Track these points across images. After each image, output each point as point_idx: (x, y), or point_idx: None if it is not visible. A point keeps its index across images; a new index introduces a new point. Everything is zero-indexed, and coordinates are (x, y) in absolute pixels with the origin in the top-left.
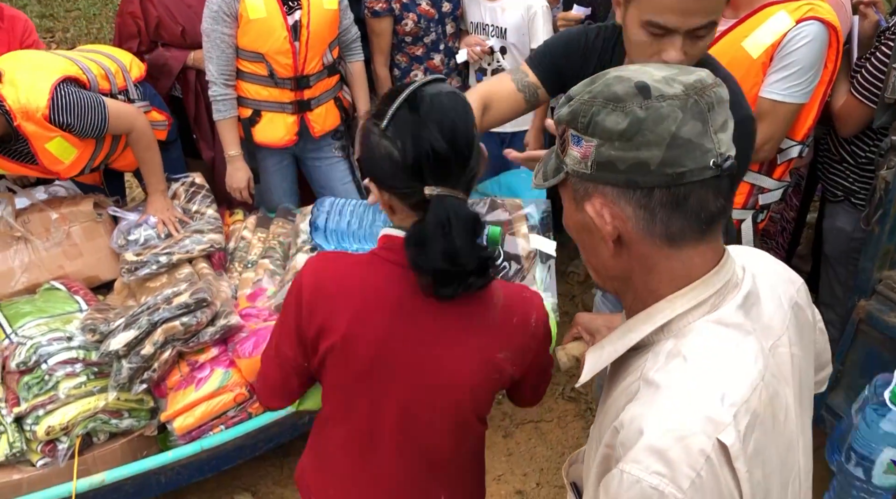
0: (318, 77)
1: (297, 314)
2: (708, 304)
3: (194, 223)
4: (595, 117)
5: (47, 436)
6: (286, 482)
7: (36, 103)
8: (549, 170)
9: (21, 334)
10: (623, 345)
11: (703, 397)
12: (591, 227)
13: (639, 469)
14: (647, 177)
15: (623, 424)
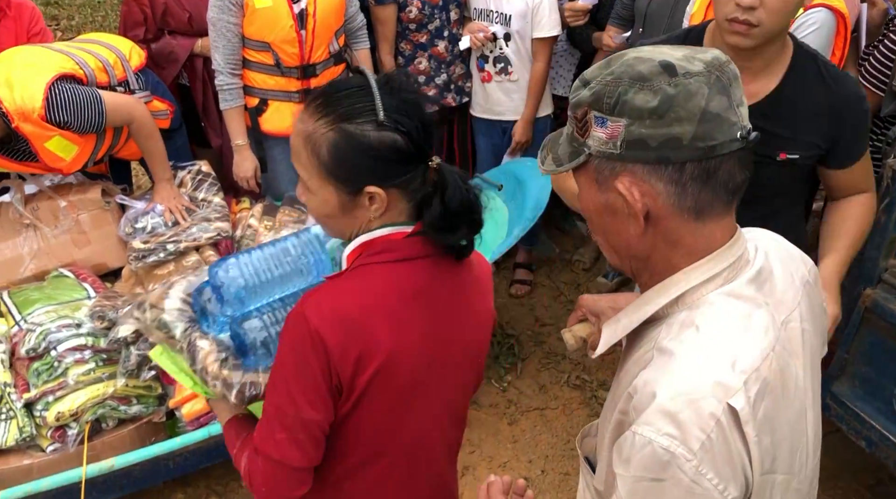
0: (325, 65)
1: (322, 366)
2: (721, 277)
3: (201, 211)
4: (623, 97)
5: (57, 422)
6: None
7: (32, 104)
8: (563, 154)
9: (30, 321)
10: (638, 317)
11: (714, 362)
12: (617, 206)
13: (650, 431)
14: (679, 152)
15: (636, 388)
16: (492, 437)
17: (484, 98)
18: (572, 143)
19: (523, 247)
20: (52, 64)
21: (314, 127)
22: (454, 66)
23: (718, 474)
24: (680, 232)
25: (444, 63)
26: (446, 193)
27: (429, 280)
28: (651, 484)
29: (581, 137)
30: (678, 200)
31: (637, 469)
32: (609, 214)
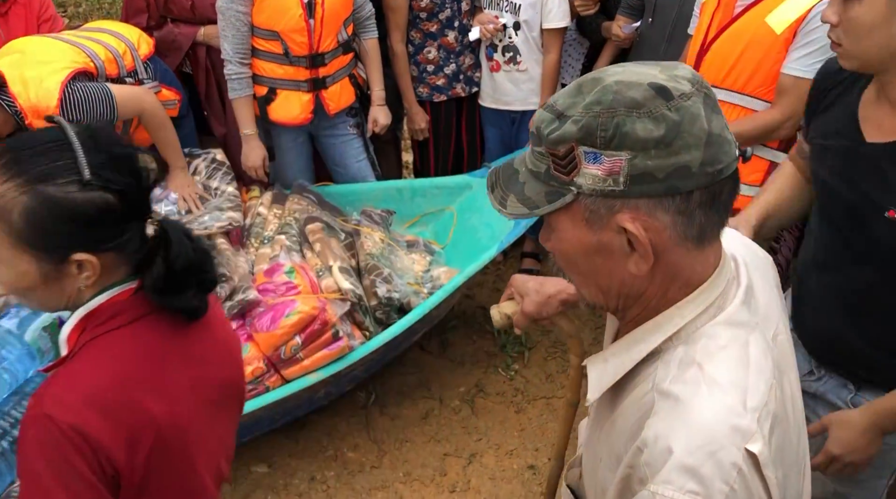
0: (333, 55)
1: (89, 462)
2: (715, 305)
3: (214, 200)
4: (621, 128)
5: None
6: (301, 455)
7: (46, 103)
8: (536, 195)
9: None
10: (631, 358)
11: (725, 406)
12: (614, 246)
13: (672, 489)
14: (688, 181)
15: (647, 442)
16: (499, 425)
17: (492, 87)
18: (549, 182)
19: (531, 236)
20: (65, 60)
21: (1, 190)
22: (464, 56)
23: None
24: (682, 263)
25: (453, 53)
26: (170, 253)
27: (172, 331)
28: None
29: (564, 176)
30: (684, 229)
31: None
32: (602, 255)
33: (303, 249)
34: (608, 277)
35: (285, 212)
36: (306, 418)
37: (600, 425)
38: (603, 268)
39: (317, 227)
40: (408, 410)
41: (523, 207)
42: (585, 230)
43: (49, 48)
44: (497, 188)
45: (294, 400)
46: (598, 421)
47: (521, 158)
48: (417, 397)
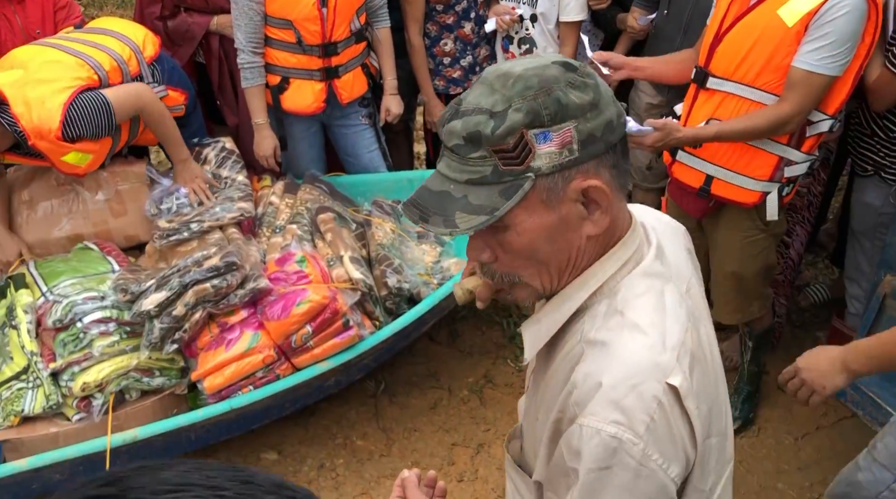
0: (346, 44)
1: None
2: (632, 260)
3: (225, 190)
4: (561, 102)
5: (82, 392)
6: (310, 442)
7: (48, 125)
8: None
9: (56, 293)
10: (561, 316)
11: (646, 345)
12: (570, 216)
13: (597, 421)
14: (613, 134)
15: (576, 384)
16: (507, 416)
17: None
18: (500, 180)
19: None
20: (67, 78)
21: None
22: (480, 48)
23: (662, 454)
24: (618, 216)
25: (469, 45)
26: None
27: None
28: (600, 473)
29: (518, 166)
30: (619, 181)
31: (588, 461)
32: (561, 230)
33: (314, 238)
34: (567, 252)
35: (297, 201)
36: (316, 406)
37: (537, 388)
38: (563, 244)
39: (328, 216)
40: (416, 399)
41: (479, 216)
42: (544, 212)
43: (52, 64)
44: (431, 216)
45: (304, 388)
46: (535, 387)
47: (439, 177)
48: (426, 386)
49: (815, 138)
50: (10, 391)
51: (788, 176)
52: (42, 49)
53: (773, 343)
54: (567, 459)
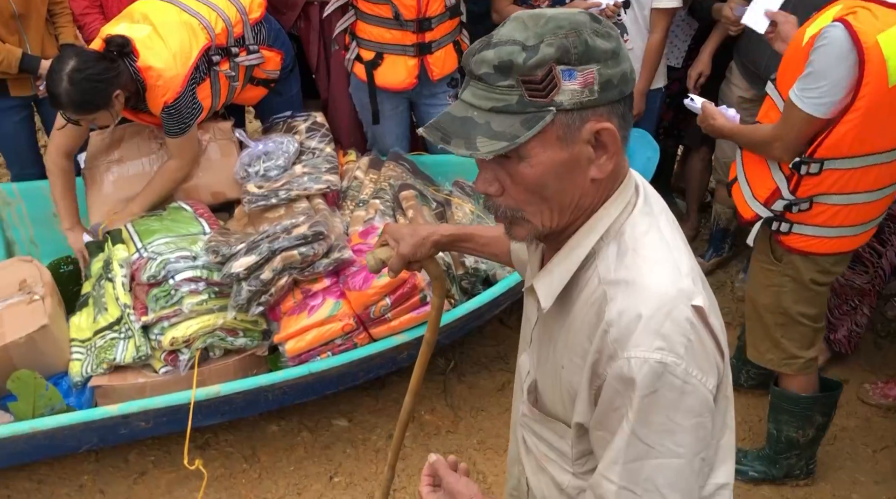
0: (440, 19)
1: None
2: (631, 203)
3: (312, 159)
4: (589, 44)
5: (171, 346)
6: (380, 413)
7: (166, 92)
8: (509, 128)
9: (151, 250)
10: (573, 262)
11: (666, 274)
12: (580, 156)
13: (642, 351)
14: (628, 86)
15: (612, 322)
16: None
17: None
18: (524, 110)
19: None
20: (191, 45)
21: None
22: None
23: (700, 369)
24: (619, 164)
25: None
26: None
27: None
28: (651, 397)
29: (542, 98)
30: (624, 132)
31: (641, 389)
32: (570, 169)
33: (395, 214)
34: (571, 193)
35: (381, 177)
36: (387, 378)
37: (552, 339)
38: (570, 183)
39: (410, 194)
40: (485, 380)
41: (500, 142)
42: (558, 148)
43: (175, 27)
44: (453, 138)
45: (379, 359)
46: (549, 338)
47: (463, 104)
48: (495, 368)
49: (812, 181)
50: (104, 340)
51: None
52: (164, 6)
53: (848, 351)
54: (618, 392)
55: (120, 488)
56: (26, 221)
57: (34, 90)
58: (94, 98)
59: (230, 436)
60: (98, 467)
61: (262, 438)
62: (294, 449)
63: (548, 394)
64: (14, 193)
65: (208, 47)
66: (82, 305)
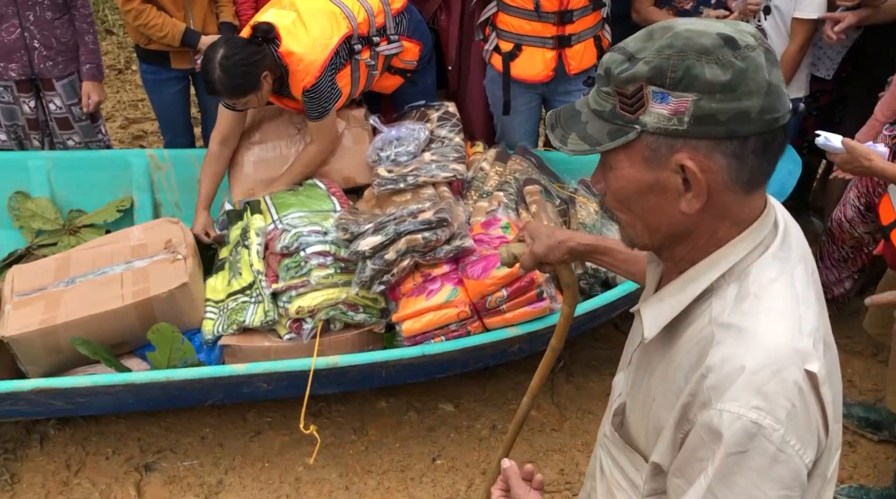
0: (583, 12)
1: None
2: (763, 244)
3: (440, 148)
4: (691, 71)
5: (296, 315)
6: (486, 402)
7: (305, 77)
8: (598, 133)
9: (285, 222)
10: (687, 296)
11: (785, 330)
12: (669, 184)
13: (738, 406)
14: (747, 126)
15: (712, 368)
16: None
17: None
18: (613, 120)
19: None
20: (332, 32)
21: None
22: None
23: (800, 440)
24: (730, 205)
25: None
26: None
27: None
28: (738, 457)
29: (630, 114)
30: (737, 174)
31: (727, 446)
32: (655, 193)
33: (518, 208)
34: (658, 216)
35: (506, 170)
36: (495, 370)
37: (650, 368)
38: (655, 207)
39: (535, 189)
40: (594, 383)
41: (584, 144)
42: (643, 169)
43: (319, 14)
44: (557, 128)
45: (490, 349)
46: (646, 365)
47: (584, 99)
48: (605, 372)
49: None
50: (236, 303)
51: None
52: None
53: None
54: (704, 443)
55: (237, 443)
56: (174, 185)
57: (192, 64)
58: (244, 81)
59: (342, 407)
60: (219, 422)
61: (371, 412)
62: (400, 427)
63: (634, 422)
64: (165, 158)
65: (349, 36)
66: (219, 268)
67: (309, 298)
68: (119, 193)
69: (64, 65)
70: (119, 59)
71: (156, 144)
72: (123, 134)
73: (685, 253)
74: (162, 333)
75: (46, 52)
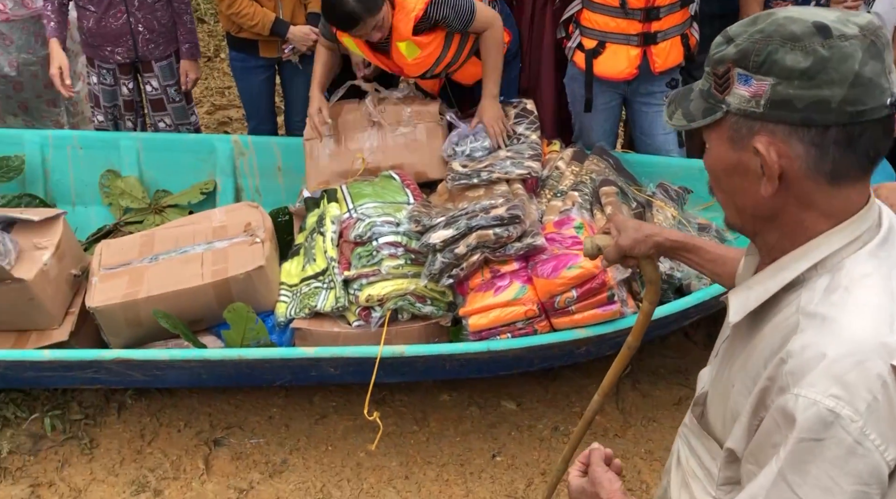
0: (670, 9)
1: None
2: (861, 240)
3: (516, 145)
4: (772, 56)
5: (366, 303)
6: (549, 403)
7: (413, 11)
8: (696, 110)
9: (360, 211)
10: (776, 283)
11: (874, 324)
12: (750, 166)
13: (815, 392)
14: (825, 115)
15: (792, 353)
16: None
17: None
18: (708, 99)
19: None
20: None
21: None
22: None
23: (881, 435)
24: (813, 195)
25: None
26: None
27: None
28: (812, 444)
29: (719, 94)
30: (816, 163)
31: (800, 431)
32: (738, 174)
33: (593, 209)
34: (743, 197)
35: (583, 170)
36: (559, 371)
37: (733, 357)
38: (739, 187)
39: (611, 190)
40: (661, 391)
41: (682, 120)
42: (728, 148)
43: None
44: (672, 103)
45: (557, 349)
46: (731, 355)
47: (700, 80)
48: (673, 381)
49: None
50: (309, 288)
51: None
52: None
53: None
54: (778, 428)
55: (302, 425)
56: (255, 171)
57: (280, 53)
58: None
59: (405, 397)
60: (286, 403)
61: (433, 404)
62: (462, 421)
63: (713, 409)
64: (248, 145)
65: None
66: (294, 253)
67: (379, 287)
68: (203, 176)
69: (164, 47)
70: (209, 46)
71: (240, 130)
72: (210, 120)
73: (775, 240)
74: (237, 313)
75: (149, 36)
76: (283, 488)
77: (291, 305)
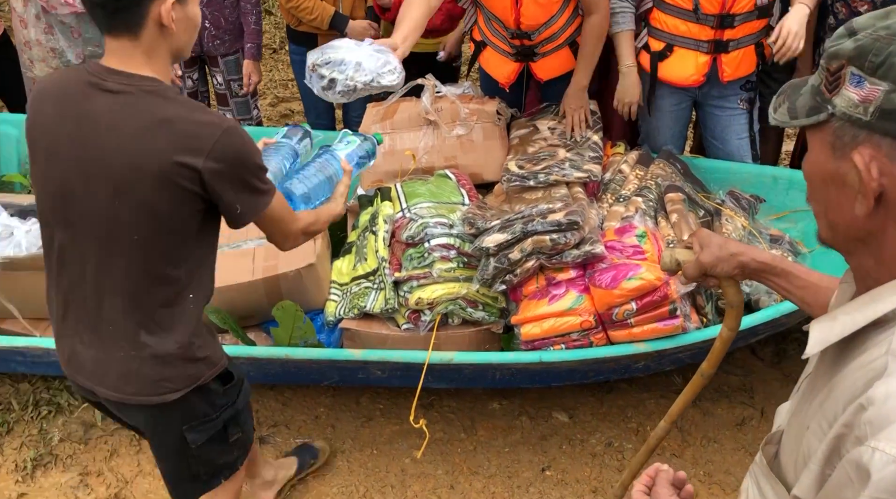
0: (745, 18)
1: None
2: None
3: (577, 146)
4: (892, 58)
5: (416, 305)
6: (603, 417)
7: None
8: (801, 107)
9: (413, 211)
10: (864, 317)
11: None
12: (848, 178)
13: (894, 447)
14: None
15: (873, 400)
16: None
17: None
18: (815, 96)
19: None
20: None
21: None
22: None
23: None
24: None
25: None
26: None
27: None
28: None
29: (827, 93)
30: None
31: (875, 490)
32: (835, 186)
33: (657, 216)
34: (837, 212)
35: (648, 175)
36: (615, 384)
37: (813, 394)
38: (834, 200)
39: (677, 197)
40: (723, 410)
41: (786, 115)
42: (828, 155)
43: None
44: (781, 95)
45: (613, 363)
46: (811, 389)
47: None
48: (736, 400)
49: None
50: (359, 287)
51: None
52: None
53: None
54: (850, 482)
55: (349, 427)
56: None
57: None
58: None
59: (453, 403)
60: (333, 403)
61: (482, 412)
62: (511, 432)
63: (786, 450)
64: None
65: None
66: (346, 252)
67: (429, 290)
68: None
69: (229, 43)
70: (275, 38)
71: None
72: (272, 112)
73: (871, 266)
74: (286, 311)
75: (215, 32)
76: (326, 490)
77: (341, 304)
